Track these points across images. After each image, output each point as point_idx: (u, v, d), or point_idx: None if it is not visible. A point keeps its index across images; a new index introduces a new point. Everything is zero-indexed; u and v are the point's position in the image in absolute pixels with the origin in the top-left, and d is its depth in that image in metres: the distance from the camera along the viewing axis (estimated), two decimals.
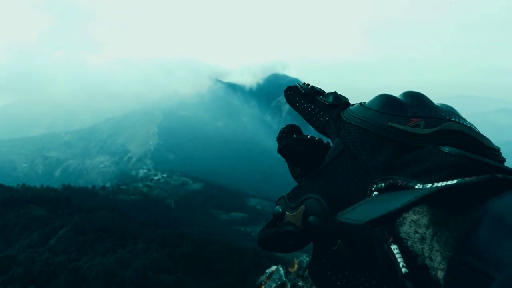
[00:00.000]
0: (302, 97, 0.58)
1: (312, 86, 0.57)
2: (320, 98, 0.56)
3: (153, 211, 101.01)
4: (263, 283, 7.49)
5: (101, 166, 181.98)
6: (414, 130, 0.43)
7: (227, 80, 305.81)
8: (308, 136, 0.52)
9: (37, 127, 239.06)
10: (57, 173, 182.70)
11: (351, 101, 0.54)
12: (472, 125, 0.46)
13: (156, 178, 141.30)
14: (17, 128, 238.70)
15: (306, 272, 7.27)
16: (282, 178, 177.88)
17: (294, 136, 0.52)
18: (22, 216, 65.06)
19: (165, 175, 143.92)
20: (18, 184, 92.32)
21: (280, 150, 0.51)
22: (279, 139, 0.53)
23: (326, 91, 0.56)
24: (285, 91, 0.59)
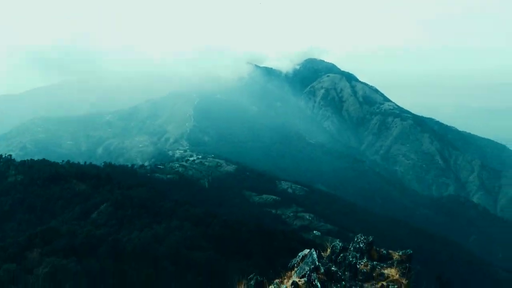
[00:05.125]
0: None
1: None
2: None
3: (188, 190, 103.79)
4: (295, 265, 7.49)
5: (140, 145, 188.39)
6: None
7: (263, 64, 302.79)
8: None
9: (82, 106, 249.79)
10: (99, 150, 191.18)
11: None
12: None
13: (191, 159, 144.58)
14: (64, 107, 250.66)
15: (340, 257, 7.20)
16: (312, 162, 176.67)
17: None
18: (66, 191, 69.04)
19: (200, 156, 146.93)
20: (62, 160, 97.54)
21: None
22: None
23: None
24: None
